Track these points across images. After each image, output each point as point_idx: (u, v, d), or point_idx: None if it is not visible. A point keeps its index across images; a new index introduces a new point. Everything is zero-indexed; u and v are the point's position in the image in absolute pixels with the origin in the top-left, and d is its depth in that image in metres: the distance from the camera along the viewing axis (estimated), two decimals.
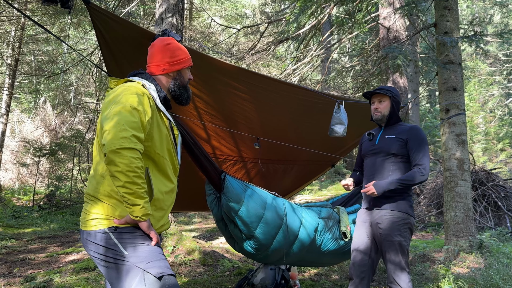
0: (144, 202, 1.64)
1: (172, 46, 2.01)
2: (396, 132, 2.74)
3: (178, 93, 2.00)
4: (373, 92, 2.81)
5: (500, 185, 7.90)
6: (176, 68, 1.98)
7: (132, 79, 1.89)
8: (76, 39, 13.97)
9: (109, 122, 1.62)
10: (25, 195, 11.92)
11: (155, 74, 1.97)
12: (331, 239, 3.19)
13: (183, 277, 4.36)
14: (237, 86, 3.11)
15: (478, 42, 5.14)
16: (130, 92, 1.73)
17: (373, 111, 2.83)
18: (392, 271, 2.59)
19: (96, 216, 1.73)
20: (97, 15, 2.32)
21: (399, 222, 2.60)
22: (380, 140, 2.78)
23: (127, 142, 1.58)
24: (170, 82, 1.99)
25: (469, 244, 4.66)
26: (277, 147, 3.74)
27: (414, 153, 2.63)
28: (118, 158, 1.57)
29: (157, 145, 1.79)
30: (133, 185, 1.59)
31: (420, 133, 2.69)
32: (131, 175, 1.58)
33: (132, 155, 1.59)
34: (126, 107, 1.65)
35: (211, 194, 3.07)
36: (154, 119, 1.78)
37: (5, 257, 5.22)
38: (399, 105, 2.82)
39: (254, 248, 2.99)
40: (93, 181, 1.78)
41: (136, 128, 1.63)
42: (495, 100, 23.00)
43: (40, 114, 15.26)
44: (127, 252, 1.67)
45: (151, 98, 1.82)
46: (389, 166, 2.68)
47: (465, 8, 24.49)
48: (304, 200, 11.58)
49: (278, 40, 8.30)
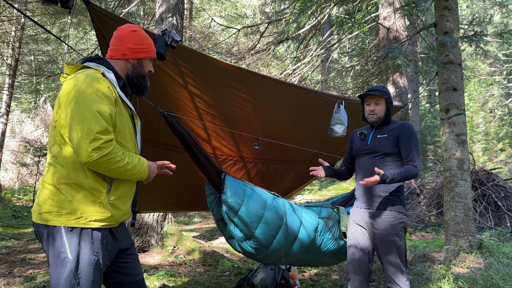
0: (138, 165, 1.82)
1: (138, 34, 1.94)
2: (387, 130, 2.76)
3: (136, 81, 1.93)
4: (368, 93, 2.80)
5: (500, 185, 7.90)
6: (138, 56, 1.92)
7: (89, 65, 1.81)
8: (76, 39, 13.97)
9: (76, 128, 1.62)
10: (25, 195, 11.93)
11: (114, 58, 1.90)
12: (331, 239, 3.19)
13: (183, 277, 4.36)
14: (237, 86, 3.11)
15: (478, 42, 5.15)
16: (92, 87, 1.68)
17: (368, 113, 2.81)
18: (390, 272, 2.59)
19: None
20: (97, 15, 2.32)
21: (395, 222, 2.62)
22: (373, 140, 2.79)
23: (99, 152, 1.63)
24: (128, 69, 1.92)
25: (469, 244, 4.66)
26: (277, 147, 3.74)
27: (406, 150, 2.66)
28: (98, 167, 1.67)
29: (119, 134, 1.79)
30: (124, 172, 1.75)
31: (410, 130, 2.71)
32: (119, 169, 1.72)
33: (108, 158, 1.66)
34: (92, 109, 1.63)
35: (211, 194, 3.08)
36: (116, 109, 1.76)
37: (5, 257, 5.22)
38: (392, 106, 2.83)
39: (254, 248, 2.99)
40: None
41: (104, 131, 1.65)
42: (495, 100, 23.00)
43: (40, 114, 15.27)
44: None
45: (112, 87, 1.78)
46: (383, 165, 2.69)
47: (465, 8, 24.48)
48: (304, 200, 11.58)
49: (278, 40, 8.30)
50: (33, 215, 1.76)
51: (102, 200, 1.73)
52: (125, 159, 1.72)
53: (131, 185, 1.90)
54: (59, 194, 1.68)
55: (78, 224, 1.68)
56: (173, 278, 4.29)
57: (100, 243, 1.73)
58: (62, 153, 1.71)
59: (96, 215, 1.71)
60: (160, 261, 5.01)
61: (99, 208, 1.72)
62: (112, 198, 1.76)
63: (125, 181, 1.84)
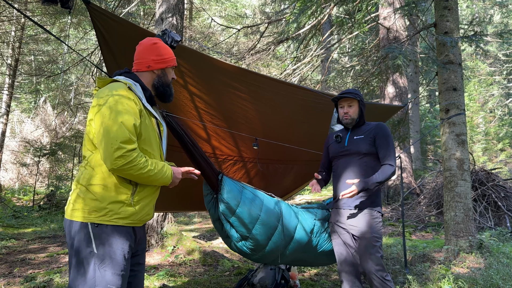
0: (161, 172, 1.94)
1: (158, 45, 2.11)
2: (363, 131, 2.86)
3: (162, 90, 2.11)
4: (341, 96, 2.90)
5: (500, 185, 7.89)
6: (161, 66, 2.09)
7: (118, 79, 1.97)
8: (76, 39, 13.97)
9: (103, 139, 1.80)
10: (25, 195, 11.93)
11: (140, 71, 2.07)
12: (327, 240, 3.20)
13: (183, 277, 4.36)
14: (237, 86, 3.11)
15: (478, 42, 5.15)
16: (118, 100, 1.84)
17: (342, 115, 2.92)
18: (372, 268, 2.65)
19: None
20: (97, 15, 2.32)
21: (373, 221, 2.72)
22: (349, 141, 2.88)
23: (123, 160, 1.78)
24: (154, 79, 2.09)
25: (469, 244, 4.66)
26: (277, 147, 3.74)
27: (382, 150, 2.75)
28: (122, 173, 1.84)
29: (145, 142, 1.95)
30: (148, 178, 1.90)
31: (385, 130, 2.81)
32: (142, 175, 1.87)
33: (131, 165, 1.81)
34: (117, 121, 1.80)
35: (208, 195, 3.08)
36: (141, 119, 1.91)
37: (5, 257, 5.22)
38: (365, 107, 2.93)
39: (250, 249, 3.00)
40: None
41: (127, 140, 1.80)
42: (495, 100, 22.99)
43: (40, 114, 15.27)
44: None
45: (137, 99, 1.93)
46: (362, 165, 2.78)
47: (465, 8, 24.48)
48: (304, 200, 11.58)
49: (278, 40, 8.31)
50: (65, 212, 1.93)
51: (127, 200, 1.88)
52: (147, 166, 1.87)
53: (155, 188, 2.05)
54: (88, 194, 1.84)
55: (103, 221, 1.83)
56: (173, 278, 4.29)
57: (123, 239, 1.87)
58: (93, 158, 1.89)
59: (120, 213, 1.86)
60: (160, 261, 5.01)
61: (123, 207, 1.87)
62: (136, 198, 1.91)
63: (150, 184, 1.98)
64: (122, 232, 1.87)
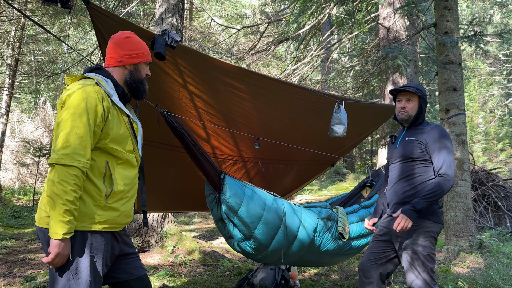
0: (65, 217, 1.64)
1: (131, 40, 1.99)
2: (417, 133, 2.53)
3: (134, 86, 1.99)
4: (401, 89, 2.58)
5: (500, 185, 7.90)
6: (134, 61, 1.97)
7: (88, 75, 1.87)
8: (76, 39, 13.96)
9: (59, 134, 1.68)
10: (25, 195, 11.93)
11: (112, 66, 1.96)
12: (330, 239, 3.19)
13: (183, 277, 4.36)
14: (237, 86, 3.11)
15: (478, 42, 5.15)
16: (80, 98, 1.72)
17: (398, 110, 2.59)
18: (413, 282, 2.38)
19: None
20: (97, 15, 2.32)
21: (419, 230, 2.41)
22: (401, 143, 2.58)
23: (67, 159, 1.64)
24: (126, 75, 1.97)
25: (469, 244, 4.66)
26: (277, 147, 3.74)
27: (435, 158, 2.40)
28: (58, 172, 1.64)
29: (115, 141, 1.82)
30: (58, 198, 1.62)
31: (440, 133, 2.45)
32: (65, 189, 1.63)
33: (70, 171, 1.64)
34: (75, 122, 1.68)
35: (210, 194, 3.08)
36: (109, 117, 1.80)
37: (5, 257, 5.22)
38: (426, 105, 2.61)
39: (253, 248, 2.99)
40: None
41: (82, 146, 1.67)
42: (495, 100, 22.99)
43: (40, 114, 15.27)
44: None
45: (106, 96, 1.82)
46: (411, 171, 2.46)
47: (465, 8, 24.47)
48: (304, 200, 11.58)
49: (278, 40, 8.31)
50: (36, 218, 1.81)
51: (101, 203, 1.76)
52: (74, 189, 1.64)
53: (132, 187, 1.91)
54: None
55: (78, 228, 1.71)
56: (173, 278, 4.29)
57: (101, 246, 1.77)
58: None
59: (95, 217, 1.74)
60: (160, 261, 5.01)
61: (98, 211, 1.75)
62: (111, 201, 1.79)
63: (125, 184, 1.85)
64: (99, 238, 1.76)
